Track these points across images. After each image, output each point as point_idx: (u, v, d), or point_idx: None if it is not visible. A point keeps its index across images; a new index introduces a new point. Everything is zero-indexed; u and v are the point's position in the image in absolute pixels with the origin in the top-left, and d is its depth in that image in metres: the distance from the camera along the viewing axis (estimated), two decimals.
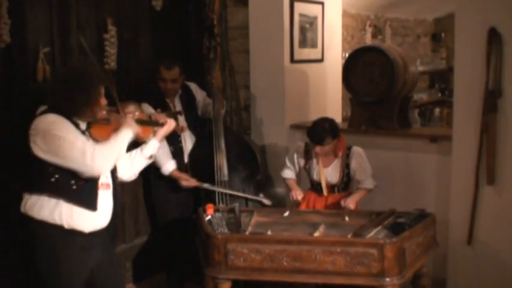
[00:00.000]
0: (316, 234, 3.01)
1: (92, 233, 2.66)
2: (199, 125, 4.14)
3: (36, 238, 2.62)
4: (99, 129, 2.70)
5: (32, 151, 2.52)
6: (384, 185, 3.90)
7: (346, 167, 3.55)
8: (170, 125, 3.00)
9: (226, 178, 3.88)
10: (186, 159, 3.91)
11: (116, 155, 2.65)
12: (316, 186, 3.62)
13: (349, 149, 3.56)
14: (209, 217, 3.23)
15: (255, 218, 3.31)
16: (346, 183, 3.60)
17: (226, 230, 3.10)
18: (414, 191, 3.88)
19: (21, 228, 2.65)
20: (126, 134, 2.71)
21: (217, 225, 3.14)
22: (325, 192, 3.56)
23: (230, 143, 3.96)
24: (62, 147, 2.50)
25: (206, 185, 3.81)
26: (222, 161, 3.88)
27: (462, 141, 3.48)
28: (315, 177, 3.59)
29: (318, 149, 3.44)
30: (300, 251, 2.80)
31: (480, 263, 3.48)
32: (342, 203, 3.47)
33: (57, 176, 2.55)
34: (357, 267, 2.75)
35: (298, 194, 3.56)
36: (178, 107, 3.91)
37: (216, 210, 3.34)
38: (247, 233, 3.06)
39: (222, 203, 3.81)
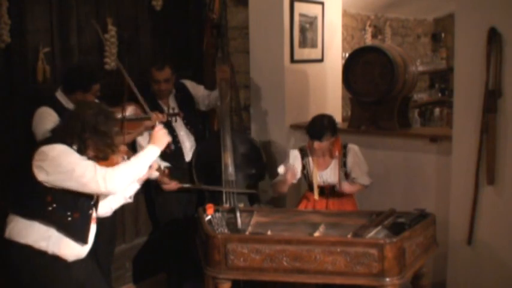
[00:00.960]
0: (316, 234, 3.00)
1: (74, 260, 2.66)
2: (199, 123, 4.14)
3: (18, 263, 2.57)
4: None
5: (35, 176, 2.50)
6: (384, 185, 3.90)
7: (343, 165, 3.54)
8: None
9: (232, 177, 3.87)
10: (186, 159, 3.92)
11: (133, 174, 2.66)
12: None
13: (344, 147, 3.56)
14: (209, 217, 3.23)
15: (255, 218, 3.31)
16: None
17: (226, 230, 3.10)
18: (414, 191, 3.88)
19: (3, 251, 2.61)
20: (152, 151, 2.75)
21: (217, 225, 3.14)
22: (316, 196, 3.53)
23: (236, 143, 3.96)
24: (72, 170, 2.49)
25: (187, 185, 3.82)
26: (228, 160, 3.87)
27: (462, 141, 3.48)
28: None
29: (316, 145, 3.41)
30: (300, 251, 2.79)
31: (480, 263, 3.48)
32: (337, 186, 3.46)
33: (54, 205, 2.53)
34: (357, 267, 2.75)
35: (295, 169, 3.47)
36: (174, 106, 3.87)
37: (216, 210, 3.34)
38: (247, 233, 3.06)
39: (228, 202, 3.80)
